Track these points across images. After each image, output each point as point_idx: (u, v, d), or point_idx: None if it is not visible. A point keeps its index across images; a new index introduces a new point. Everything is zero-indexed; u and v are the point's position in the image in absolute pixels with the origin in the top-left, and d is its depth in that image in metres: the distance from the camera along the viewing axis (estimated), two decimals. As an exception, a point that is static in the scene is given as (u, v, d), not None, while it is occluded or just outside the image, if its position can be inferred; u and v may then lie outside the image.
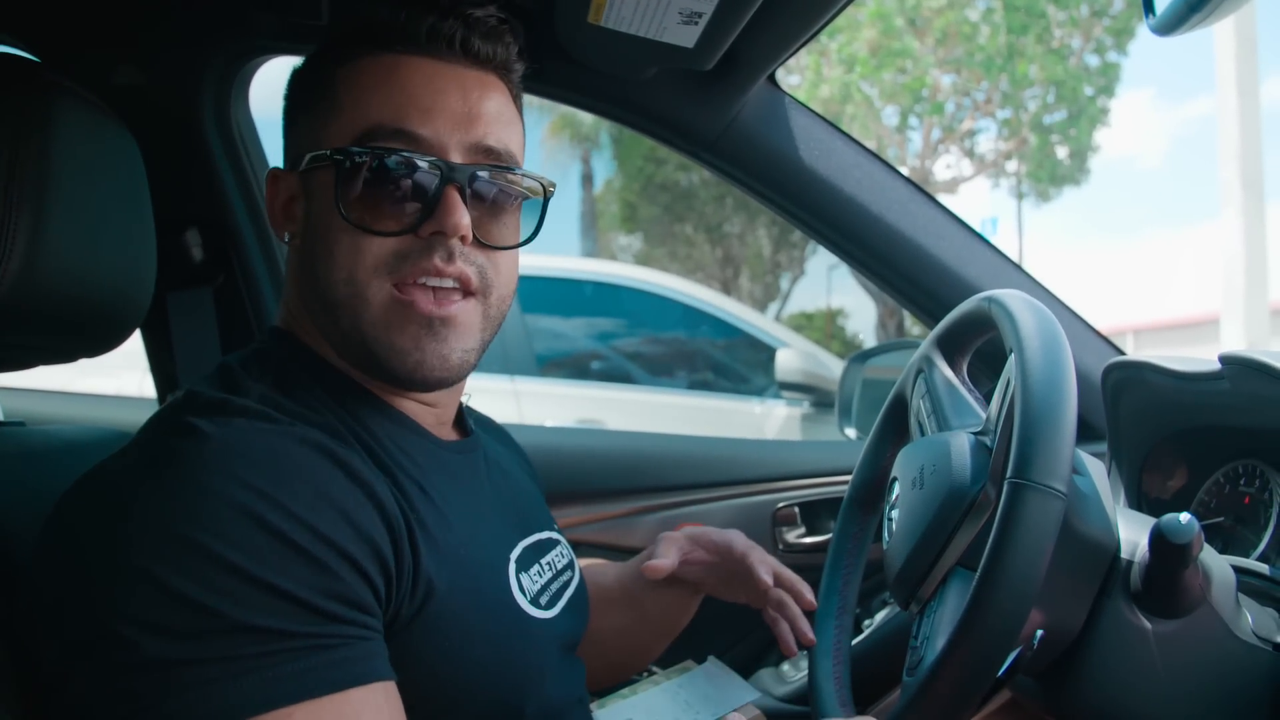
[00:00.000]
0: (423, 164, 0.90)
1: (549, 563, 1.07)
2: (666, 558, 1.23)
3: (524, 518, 1.08)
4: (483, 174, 0.93)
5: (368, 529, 0.79)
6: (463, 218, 0.90)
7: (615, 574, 1.35)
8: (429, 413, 1.01)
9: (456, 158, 0.92)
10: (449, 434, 1.05)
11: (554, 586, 1.05)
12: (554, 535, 1.13)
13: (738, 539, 1.25)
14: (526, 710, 0.91)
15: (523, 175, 0.97)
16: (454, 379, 0.95)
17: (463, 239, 0.91)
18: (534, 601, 0.99)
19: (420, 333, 0.91)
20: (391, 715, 0.77)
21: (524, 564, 1.01)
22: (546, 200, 1.01)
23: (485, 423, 1.24)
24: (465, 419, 1.11)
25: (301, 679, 0.71)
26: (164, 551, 0.71)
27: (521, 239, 0.99)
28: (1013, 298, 0.96)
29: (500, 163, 0.95)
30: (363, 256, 0.90)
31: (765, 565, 1.22)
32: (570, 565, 1.13)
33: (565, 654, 1.04)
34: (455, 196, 0.90)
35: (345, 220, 0.90)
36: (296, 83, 1.01)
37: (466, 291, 0.93)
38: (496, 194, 0.95)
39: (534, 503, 1.17)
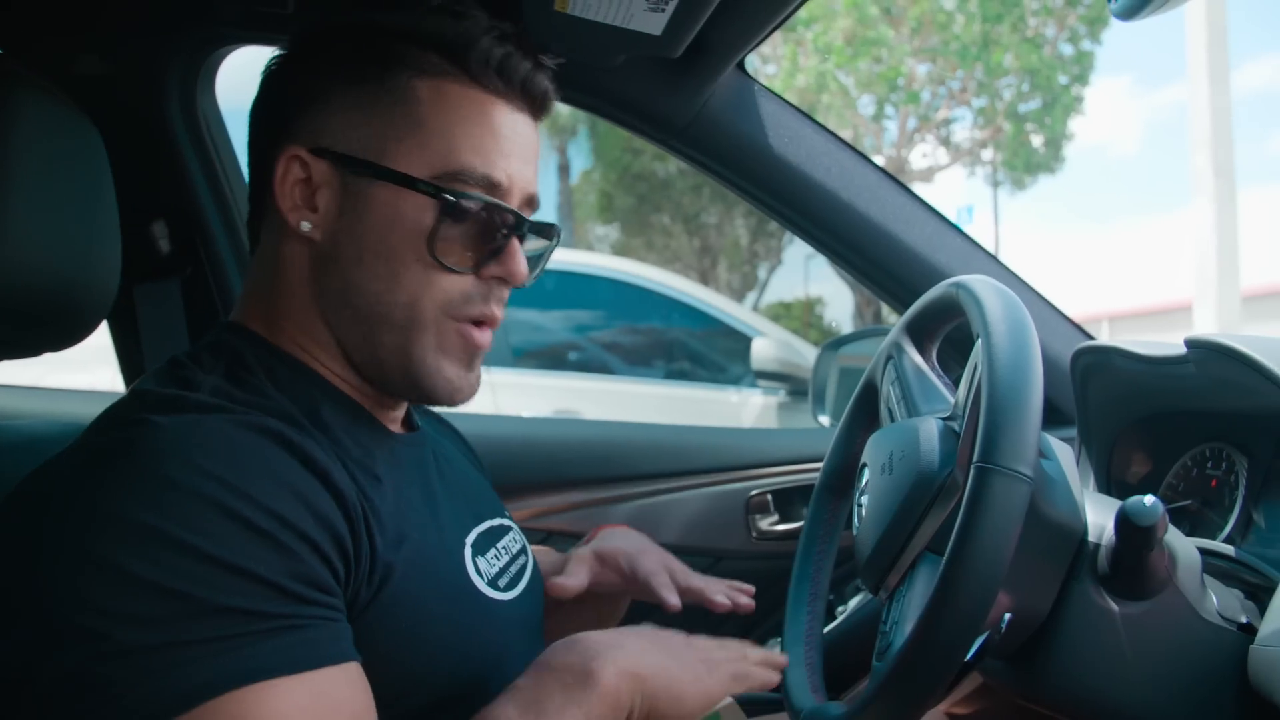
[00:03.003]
0: (507, 215, 0.94)
1: (504, 547, 1.07)
2: (576, 578, 1.17)
3: (475, 505, 1.08)
4: (534, 227, 0.99)
5: (326, 514, 0.79)
6: (524, 266, 0.96)
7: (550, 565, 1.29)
8: (383, 408, 1.01)
9: (519, 206, 0.96)
10: (398, 429, 1.05)
11: (512, 569, 1.05)
12: (506, 522, 1.13)
13: (644, 561, 1.20)
14: (490, 692, 0.91)
15: (553, 228, 1.04)
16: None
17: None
18: (492, 584, 0.99)
19: (467, 361, 0.96)
20: (362, 695, 0.78)
21: (480, 548, 1.01)
22: (553, 247, 1.07)
23: (427, 414, 1.23)
24: (412, 414, 1.11)
25: (273, 657, 0.71)
26: (127, 540, 0.71)
27: None
28: (980, 283, 0.96)
29: (536, 209, 1.00)
30: (431, 290, 0.92)
31: (669, 589, 1.17)
32: (524, 550, 1.13)
33: (529, 636, 1.04)
34: (518, 245, 0.96)
35: (427, 255, 0.92)
36: (341, 60, 0.94)
37: None
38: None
39: (483, 491, 1.17)
